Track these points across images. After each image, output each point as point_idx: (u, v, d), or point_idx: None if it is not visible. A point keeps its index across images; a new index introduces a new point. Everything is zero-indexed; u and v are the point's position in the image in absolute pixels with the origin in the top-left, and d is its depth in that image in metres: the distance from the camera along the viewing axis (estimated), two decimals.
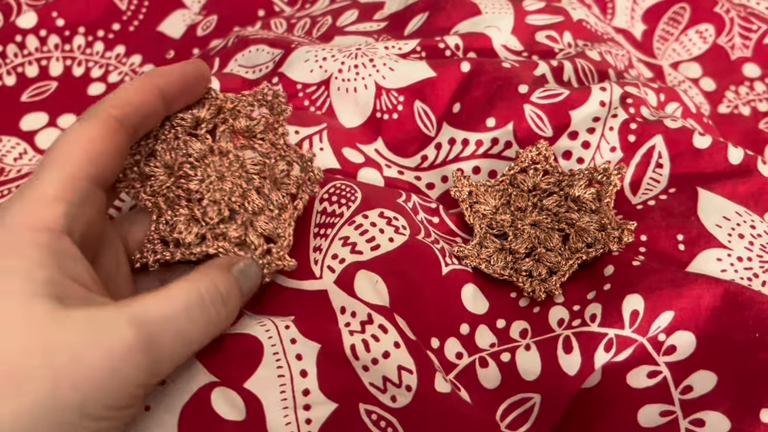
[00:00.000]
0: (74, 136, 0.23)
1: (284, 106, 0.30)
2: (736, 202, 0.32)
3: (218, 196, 0.28)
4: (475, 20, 0.41)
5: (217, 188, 0.28)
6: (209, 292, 0.24)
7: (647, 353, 0.27)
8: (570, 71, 0.38)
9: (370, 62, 0.37)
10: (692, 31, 0.50)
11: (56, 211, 0.22)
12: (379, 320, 0.28)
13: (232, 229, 0.27)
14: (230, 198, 0.28)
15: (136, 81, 0.26)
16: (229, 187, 0.28)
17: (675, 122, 0.34)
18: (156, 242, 0.27)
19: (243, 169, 0.29)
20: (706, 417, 0.26)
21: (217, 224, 0.27)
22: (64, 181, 0.22)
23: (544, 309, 0.30)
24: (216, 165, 0.28)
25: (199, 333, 0.23)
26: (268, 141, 0.29)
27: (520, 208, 0.33)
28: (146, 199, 0.28)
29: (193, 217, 0.28)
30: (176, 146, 0.28)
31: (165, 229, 0.27)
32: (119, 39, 0.49)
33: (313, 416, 0.26)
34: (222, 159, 0.28)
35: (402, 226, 0.31)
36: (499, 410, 0.28)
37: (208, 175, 0.28)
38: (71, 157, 0.23)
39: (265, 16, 0.50)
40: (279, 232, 0.28)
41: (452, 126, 0.36)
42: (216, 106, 0.29)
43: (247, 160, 0.29)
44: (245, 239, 0.27)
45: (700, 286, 0.28)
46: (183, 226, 0.27)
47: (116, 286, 0.26)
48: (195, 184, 0.28)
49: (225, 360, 0.27)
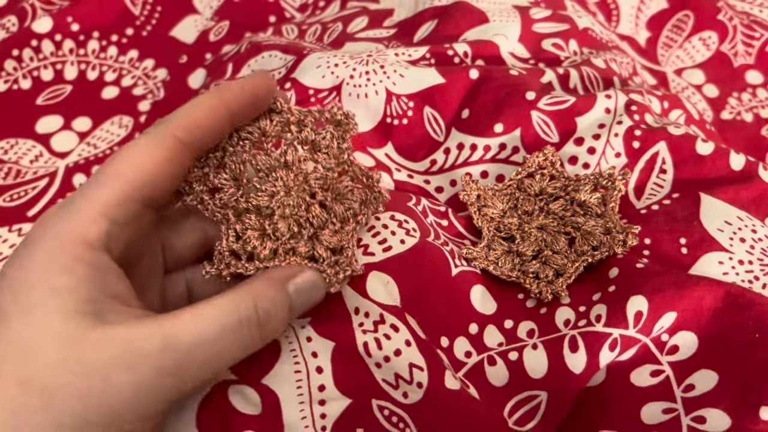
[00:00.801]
0: (134, 154, 0.23)
1: (352, 124, 0.30)
2: (737, 207, 0.32)
3: (288, 211, 0.28)
4: (482, 28, 0.42)
5: (286, 204, 0.28)
6: (248, 313, 0.23)
7: (650, 353, 0.28)
8: (576, 79, 0.39)
9: (381, 69, 0.38)
10: (696, 39, 0.51)
11: (100, 229, 0.22)
12: (391, 320, 0.29)
13: (301, 244, 0.28)
14: (297, 213, 0.28)
15: (205, 99, 0.25)
16: (294, 201, 0.28)
17: (678, 129, 0.35)
18: (228, 255, 0.27)
19: (306, 183, 0.29)
20: (707, 414, 0.26)
21: (288, 239, 0.28)
22: (114, 200, 0.22)
23: (551, 310, 0.31)
24: (283, 178, 0.28)
25: (231, 356, 0.23)
26: (333, 156, 0.29)
27: (527, 211, 0.34)
28: (216, 211, 0.28)
29: (265, 232, 0.28)
30: (244, 159, 0.28)
31: (236, 242, 0.27)
32: (132, 43, 0.50)
33: (328, 411, 0.27)
34: (288, 172, 0.28)
35: (413, 228, 0.32)
36: (507, 407, 0.29)
37: (277, 190, 0.28)
38: (126, 176, 0.22)
39: (276, 22, 0.51)
40: (344, 244, 0.29)
41: (461, 131, 0.37)
42: (283, 121, 0.29)
43: (310, 173, 0.29)
44: (313, 253, 0.28)
45: (702, 287, 0.29)
46: (257, 241, 0.27)
47: (150, 289, 0.27)
48: (265, 200, 0.28)
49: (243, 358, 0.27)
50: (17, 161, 0.44)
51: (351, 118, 0.30)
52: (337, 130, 0.29)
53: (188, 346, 0.21)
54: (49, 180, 0.43)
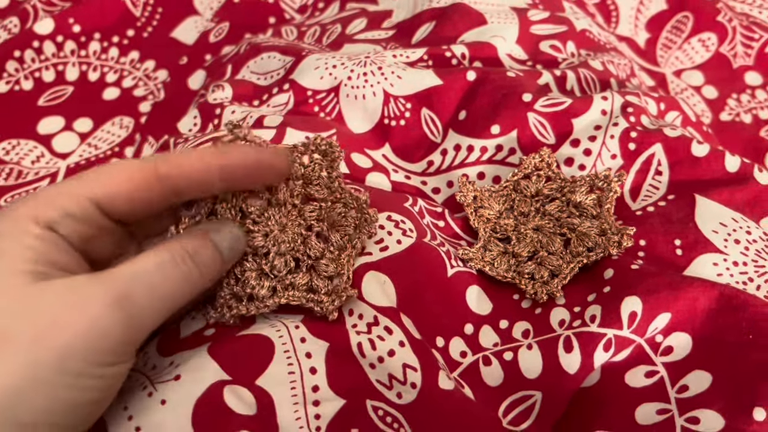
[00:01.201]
0: (111, 167, 0.25)
1: (338, 152, 0.30)
2: (732, 209, 0.33)
3: (283, 248, 0.29)
4: (480, 30, 0.42)
5: (281, 241, 0.29)
6: (179, 251, 0.25)
7: (645, 354, 0.28)
8: (573, 80, 0.39)
9: (379, 70, 0.38)
10: (695, 40, 0.51)
11: (52, 213, 0.23)
12: (385, 322, 0.29)
13: (299, 277, 0.29)
14: (294, 248, 0.29)
15: (201, 152, 0.26)
16: (290, 237, 0.29)
17: (674, 131, 0.35)
18: (229, 298, 0.28)
19: (301, 217, 0.29)
20: (701, 415, 0.27)
21: (286, 275, 0.29)
22: (71, 196, 0.24)
23: (546, 310, 0.31)
24: (276, 217, 0.29)
25: (173, 288, 0.24)
26: (324, 186, 0.30)
27: (523, 213, 0.34)
28: None
29: (263, 271, 0.28)
30: (234, 203, 0.28)
31: (235, 284, 0.28)
32: (133, 45, 0.51)
33: (322, 412, 0.27)
34: (280, 209, 0.29)
35: (409, 229, 0.32)
36: (502, 407, 0.29)
37: (271, 229, 0.29)
38: (92, 181, 0.24)
39: (275, 23, 0.51)
40: (340, 270, 0.29)
41: (458, 132, 0.37)
42: None
43: (304, 207, 0.30)
44: (311, 284, 0.29)
45: (696, 289, 0.29)
46: (255, 282, 0.28)
47: None
48: (260, 240, 0.28)
49: (237, 359, 0.27)
50: (19, 162, 0.44)
51: (335, 146, 0.30)
52: (324, 161, 0.30)
53: (128, 276, 0.23)
54: (51, 181, 0.43)
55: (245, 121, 0.38)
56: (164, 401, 0.27)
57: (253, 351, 0.28)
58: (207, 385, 0.27)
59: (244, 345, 0.28)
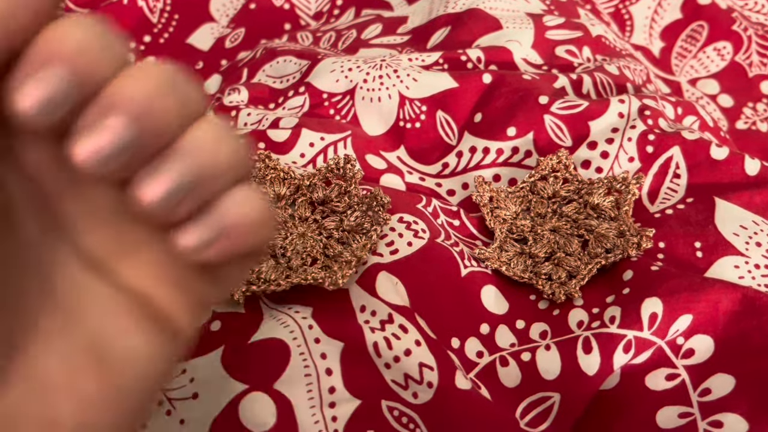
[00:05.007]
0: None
1: (356, 169, 0.33)
2: (752, 212, 0.32)
3: (300, 248, 0.31)
4: (496, 35, 0.42)
5: (299, 243, 0.31)
6: None
7: (666, 356, 0.28)
8: (589, 84, 0.39)
9: (394, 73, 0.38)
10: (710, 49, 0.50)
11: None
12: (400, 320, 0.29)
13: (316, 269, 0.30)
14: (312, 249, 0.31)
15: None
16: (310, 243, 0.31)
17: (692, 134, 0.35)
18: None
19: (322, 227, 0.32)
20: (724, 419, 0.26)
21: (301, 268, 0.30)
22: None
23: (564, 311, 0.30)
24: (297, 227, 0.32)
25: None
26: (344, 203, 0.33)
27: (540, 214, 0.34)
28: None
29: (279, 264, 0.30)
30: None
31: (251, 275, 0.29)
32: (150, 50, 0.51)
33: (339, 413, 0.26)
34: (301, 222, 0.32)
35: (421, 230, 0.32)
36: (519, 408, 0.28)
37: (290, 233, 0.31)
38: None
39: (291, 29, 0.52)
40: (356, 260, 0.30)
41: (473, 135, 0.37)
42: (295, 185, 0.33)
43: (325, 220, 0.32)
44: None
45: (718, 291, 0.28)
46: (271, 271, 0.30)
47: None
48: (279, 241, 0.30)
49: (254, 366, 0.27)
50: None
51: (353, 162, 0.34)
52: (344, 180, 0.33)
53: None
54: None
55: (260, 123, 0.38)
56: (183, 421, 0.26)
57: (268, 356, 0.27)
58: (225, 403, 0.26)
59: (259, 352, 0.28)
